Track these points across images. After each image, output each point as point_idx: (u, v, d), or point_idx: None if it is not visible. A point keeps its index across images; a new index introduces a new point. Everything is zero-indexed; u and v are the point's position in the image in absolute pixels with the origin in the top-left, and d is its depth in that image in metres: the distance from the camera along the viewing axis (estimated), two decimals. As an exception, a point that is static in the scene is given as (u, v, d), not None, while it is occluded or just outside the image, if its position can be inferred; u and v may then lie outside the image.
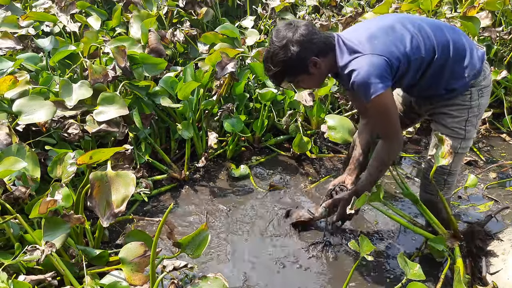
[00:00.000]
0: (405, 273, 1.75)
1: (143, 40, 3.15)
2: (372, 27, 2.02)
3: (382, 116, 2.01)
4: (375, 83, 1.87)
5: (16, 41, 3.13)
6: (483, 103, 2.10)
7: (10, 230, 1.94)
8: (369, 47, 1.92)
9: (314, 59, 1.99)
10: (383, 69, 1.89)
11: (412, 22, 2.01)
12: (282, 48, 1.96)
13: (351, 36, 2.01)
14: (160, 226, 1.57)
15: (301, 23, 2.00)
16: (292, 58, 1.96)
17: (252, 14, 4.68)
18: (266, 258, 2.37)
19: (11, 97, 2.41)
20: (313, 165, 3.27)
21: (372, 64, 1.88)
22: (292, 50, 1.95)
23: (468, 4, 3.83)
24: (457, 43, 1.99)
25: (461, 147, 2.11)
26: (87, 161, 1.81)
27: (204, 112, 3.18)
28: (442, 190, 2.18)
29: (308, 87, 2.30)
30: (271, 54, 2.01)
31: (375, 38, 1.95)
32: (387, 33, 1.97)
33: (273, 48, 2.00)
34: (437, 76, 2.01)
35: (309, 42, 1.96)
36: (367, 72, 1.88)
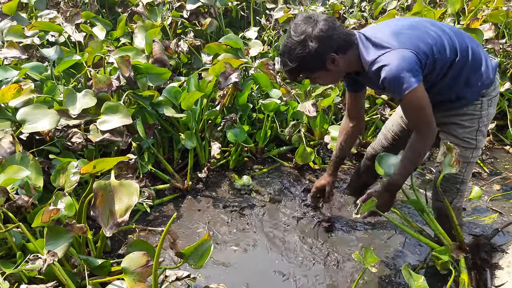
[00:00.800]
0: (410, 285, 1.74)
1: (147, 50, 3.16)
2: (393, 25, 1.99)
3: (417, 111, 1.95)
4: (408, 77, 1.81)
5: (21, 50, 3.15)
6: (491, 112, 2.10)
7: (12, 239, 1.93)
8: (397, 42, 1.87)
9: (332, 55, 1.93)
10: (414, 63, 1.84)
11: (433, 23, 2.00)
12: (300, 43, 1.90)
13: (374, 32, 1.97)
14: (163, 236, 1.56)
15: (321, 18, 1.93)
16: (310, 54, 1.90)
17: (256, 25, 4.71)
18: (269, 268, 2.35)
19: (15, 106, 2.42)
20: (316, 175, 3.26)
21: (403, 58, 1.83)
22: (311, 46, 1.89)
23: (471, 16, 3.85)
24: (474, 50, 1.98)
25: (472, 156, 2.13)
26: (90, 171, 1.81)
27: (207, 122, 3.18)
28: (455, 199, 2.21)
29: (325, 83, 2.25)
30: (289, 49, 1.95)
31: (401, 34, 1.91)
32: (411, 29, 1.93)
33: (290, 42, 1.93)
34: (455, 80, 1.99)
35: (329, 38, 1.90)
36: (399, 67, 1.82)
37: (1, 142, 2.18)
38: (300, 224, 2.72)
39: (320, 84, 2.49)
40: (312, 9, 3.78)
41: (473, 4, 4.09)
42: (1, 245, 2.04)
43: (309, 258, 2.43)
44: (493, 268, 2.13)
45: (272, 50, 4.08)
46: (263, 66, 3.19)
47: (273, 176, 3.26)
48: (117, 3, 4.54)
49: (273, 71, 3.22)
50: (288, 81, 3.81)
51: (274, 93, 3.23)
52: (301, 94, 3.40)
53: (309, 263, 2.40)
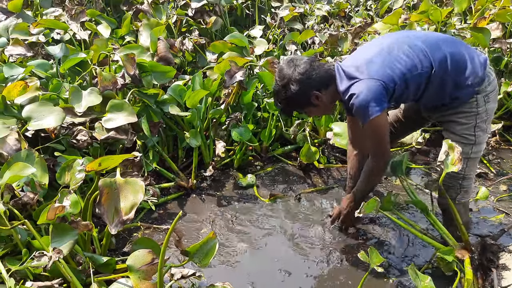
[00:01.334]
0: (416, 285, 1.73)
1: (152, 48, 3.16)
2: (370, 51, 2.11)
3: (375, 137, 2.13)
4: (372, 106, 1.98)
5: (26, 48, 3.15)
6: (491, 107, 2.13)
7: (17, 236, 1.93)
8: (366, 72, 2.02)
9: (315, 93, 2.15)
10: (379, 92, 1.98)
11: (409, 42, 2.07)
12: (284, 87, 2.16)
13: (350, 63, 2.12)
14: (168, 234, 1.55)
15: (301, 61, 2.15)
16: (293, 95, 2.14)
17: (261, 23, 4.70)
18: (273, 266, 2.35)
19: (21, 103, 2.42)
20: (320, 175, 3.25)
21: (369, 88, 1.98)
22: (292, 89, 2.13)
23: (478, 15, 3.83)
24: (455, 56, 2.04)
25: (473, 152, 2.15)
26: (96, 168, 1.80)
27: (212, 120, 3.18)
28: (459, 195, 2.23)
29: (318, 115, 2.51)
30: (276, 92, 2.23)
31: (372, 62, 2.04)
32: (383, 55, 2.04)
33: (276, 86, 2.21)
34: (440, 88, 2.07)
35: (308, 79, 2.12)
36: (365, 96, 1.98)
37: (7, 139, 2.18)
38: (304, 223, 2.71)
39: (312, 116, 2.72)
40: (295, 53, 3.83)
41: (480, 3, 4.07)
42: (7, 242, 2.03)
43: (314, 257, 2.42)
44: (499, 269, 2.11)
45: (277, 48, 4.07)
46: (268, 64, 3.18)
47: (277, 175, 3.26)
48: (122, 1, 4.53)
49: (279, 69, 3.20)
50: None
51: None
52: (306, 93, 3.39)
53: (314, 262, 2.39)
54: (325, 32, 4.26)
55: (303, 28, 4.60)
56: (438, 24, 3.70)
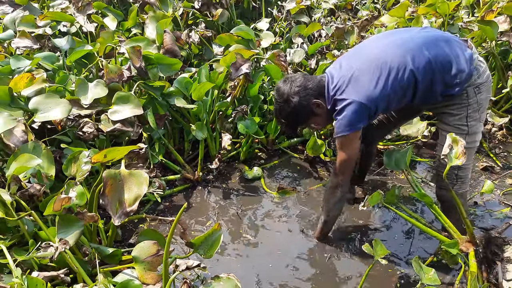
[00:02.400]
0: (420, 278, 1.73)
1: (158, 40, 3.15)
2: (353, 66, 2.15)
3: (340, 153, 2.23)
4: (344, 125, 2.12)
5: (33, 40, 3.16)
6: (483, 98, 2.15)
7: (24, 227, 1.95)
8: (350, 92, 2.10)
9: (315, 101, 2.23)
10: (357, 115, 2.09)
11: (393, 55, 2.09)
12: (285, 102, 2.26)
13: (338, 76, 2.18)
14: (173, 225, 1.56)
15: (294, 77, 2.28)
16: (296, 107, 2.24)
17: (268, 16, 4.68)
18: (278, 258, 2.36)
19: (27, 95, 2.43)
20: (326, 168, 3.25)
21: (348, 110, 2.09)
22: (294, 101, 2.23)
23: (486, 8, 3.79)
24: (439, 58, 2.05)
25: (467, 142, 2.14)
26: (101, 160, 1.81)
27: (218, 113, 3.18)
28: (455, 185, 2.24)
29: (323, 126, 2.51)
30: (278, 111, 2.32)
31: (356, 81, 2.10)
32: (363, 75, 2.10)
33: (278, 104, 2.31)
34: (429, 90, 2.11)
35: (306, 89, 2.23)
36: (343, 116, 2.11)
37: (14, 131, 2.19)
38: (310, 216, 2.71)
39: (319, 129, 2.77)
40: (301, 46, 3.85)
41: (488, -5, 4.03)
42: (14, 233, 2.06)
43: (319, 250, 2.43)
44: (504, 262, 2.11)
45: (284, 41, 4.05)
46: (274, 57, 3.17)
47: (283, 168, 3.26)
48: (129, -6, 4.53)
49: (285, 62, 3.19)
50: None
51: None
52: (312, 86, 3.38)
53: (320, 255, 2.40)
54: (332, 25, 4.24)
55: (310, 21, 4.57)
56: (445, 17, 3.67)
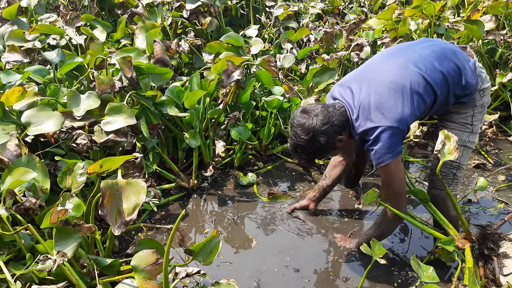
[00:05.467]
0: (419, 276, 1.74)
1: (148, 50, 3.16)
2: (372, 89, 2.06)
3: (388, 182, 2.13)
4: (384, 154, 2.01)
5: (23, 54, 3.16)
6: (486, 101, 2.22)
7: (21, 241, 1.94)
8: (379, 119, 2.01)
9: (339, 138, 2.14)
10: (393, 139, 2.00)
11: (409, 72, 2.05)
12: (310, 140, 2.10)
13: (357, 103, 2.08)
14: (172, 233, 1.56)
15: (317, 110, 2.11)
16: (322, 146, 2.11)
17: (256, 23, 4.71)
18: (276, 263, 2.36)
19: (19, 109, 2.43)
20: (320, 171, 3.26)
21: (383, 137, 2.00)
22: (321, 140, 2.09)
23: (471, 8, 3.85)
24: (451, 72, 2.07)
25: (469, 141, 2.21)
26: (97, 170, 1.81)
27: (210, 121, 3.19)
28: (450, 185, 2.25)
29: (336, 155, 2.52)
30: (301, 147, 2.15)
31: (380, 108, 2.01)
32: (390, 98, 2.02)
33: (300, 141, 2.12)
34: (444, 103, 2.14)
35: (332, 126, 2.10)
36: (380, 145, 2.00)
37: (7, 145, 2.18)
38: (304, 219, 2.72)
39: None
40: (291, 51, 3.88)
41: (472, -4, 4.10)
42: (10, 247, 2.04)
43: (317, 253, 2.43)
44: (500, 257, 2.13)
45: (273, 47, 4.08)
46: (265, 63, 3.19)
47: (278, 173, 3.27)
48: (117, 5, 4.55)
49: (275, 68, 3.21)
50: (290, 78, 3.83)
51: (276, 90, 3.23)
52: (303, 91, 3.41)
53: (317, 257, 2.40)
54: (320, 29, 4.28)
55: (298, 26, 4.62)
56: (432, 18, 3.72)
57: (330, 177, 2.67)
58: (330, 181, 2.67)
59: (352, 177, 2.98)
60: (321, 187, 2.70)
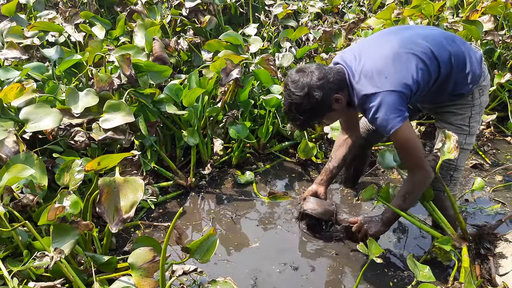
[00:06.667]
0: (415, 275, 1.75)
1: (147, 48, 3.16)
2: (377, 56, 2.03)
3: (404, 149, 2.06)
4: (392, 119, 1.94)
5: (21, 51, 3.15)
6: (484, 100, 2.18)
7: (18, 237, 1.94)
8: (382, 83, 1.96)
9: (336, 96, 2.06)
10: (398, 103, 1.94)
11: (415, 44, 2.01)
12: (305, 96, 2.02)
13: (359, 68, 2.03)
14: (170, 230, 1.57)
15: (312, 68, 2.06)
16: (318, 103, 2.02)
17: (255, 21, 4.71)
18: (274, 262, 2.36)
19: (17, 105, 2.42)
20: (318, 170, 3.27)
21: (387, 102, 1.94)
22: (317, 95, 2.01)
23: (470, 8, 3.85)
24: (457, 55, 2.03)
25: (466, 143, 2.19)
26: (95, 167, 1.81)
27: (209, 119, 3.19)
28: (448, 186, 2.23)
29: (332, 122, 2.41)
30: (295, 105, 2.05)
31: (385, 72, 1.97)
32: (394, 63, 1.98)
33: (295, 99, 2.04)
34: (443, 87, 2.08)
35: (328, 82, 2.03)
36: (385, 109, 1.94)
37: (5, 141, 2.18)
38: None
39: (327, 124, 2.62)
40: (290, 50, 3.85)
41: (471, -4, 4.10)
42: (7, 244, 2.04)
43: (313, 251, 2.44)
44: (496, 257, 2.14)
45: (272, 46, 4.08)
46: (263, 62, 3.19)
47: (276, 172, 3.27)
48: (116, 2, 4.54)
49: (274, 66, 3.22)
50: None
51: (275, 89, 3.24)
52: (302, 89, 3.40)
53: (314, 256, 2.41)
54: (319, 28, 4.28)
55: (297, 25, 4.61)
56: (430, 18, 3.73)
57: (336, 157, 2.52)
58: (336, 162, 2.51)
59: (352, 177, 2.98)
60: (328, 169, 2.54)
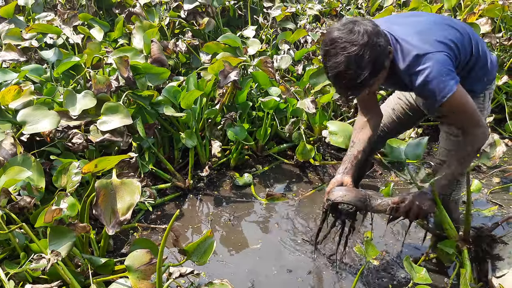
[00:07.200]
0: (412, 277, 1.75)
1: (145, 50, 3.17)
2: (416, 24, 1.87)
3: (462, 113, 1.85)
4: (448, 81, 1.74)
5: (19, 53, 3.15)
6: (488, 105, 2.13)
7: (15, 239, 1.94)
8: (428, 45, 1.77)
9: (390, 48, 1.78)
10: (449, 65, 1.76)
11: (451, 19, 1.92)
12: (367, 45, 1.65)
13: (401, 32, 1.83)
14: (166, 233, 1.57)
15: (354, 18, 1.75)
16: (381, 51, 1.70)
17: (254, 23, 4.71)
18: (271, 264, 2.36)
19: (15, 108, 2.43)
20: (316, 172, 3.27)
21: (442, 62, 1.74)
22: (380, 42, 1.68)
23: (467, 11, 3.86)
24: (482, 46, 1.94)
25: None
26: (92, 169, 1.82)
27: (207, 121, 3.19)
28: (454, 190, 2.22)
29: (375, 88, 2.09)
30: (355, 58, 1.66)
31: (428, 34, 1.79)
32: (436, 28, 1.83)
33: (354, 50, 1.66)
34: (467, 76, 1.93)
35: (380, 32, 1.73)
36: (439, 71, 1.73)
37: (3, 144, 2.19)
38: (301, 220, 2.73)
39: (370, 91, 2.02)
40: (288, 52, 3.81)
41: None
42: (5, 246, 2.04)
43: (311, 254, 2.44)
44: (493, 259, 2.14)
45: (270, 48, 4.09)
46: (262, 64, 3.20)
47: (274, 174, 3.27)
48: (114, 5, 4.54)
49: (272, 68, 3.22)
50: (287, 79, 3.82)
51: (273, 91, 3.24)
52: (300, 91, 3.41)
53: (311, 258, 2.41)
54: (317, 31, 4.28)
55: (296, 27, 4.61)
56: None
57: (360, 140, 2.18)
58: (360, 145, 2.18)
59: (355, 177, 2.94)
60: (351, 156, 2.18)
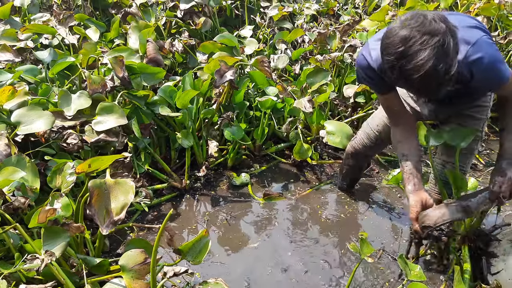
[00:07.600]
0: (406, 274, 1.74)
1: (141, 50, 3.16)
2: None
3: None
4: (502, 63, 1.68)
5: (14, 54, 3.14)
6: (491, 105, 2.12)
7: (9, 240, 1.93)
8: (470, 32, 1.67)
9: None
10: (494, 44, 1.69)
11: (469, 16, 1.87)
12: (446, 31, 1.47)
13: None
14: (160, 232, 1.56)
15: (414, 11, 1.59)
16: (457, 38, 1.53)
17: (251, 23, 4.71)
18: (267, 264, 2.36)
19: (9, 108, 2.42)
20: (314, 171, 3.27)
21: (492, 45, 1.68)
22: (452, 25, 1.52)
23: (464, 10, 3.86)
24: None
25: (476, 148, 2.18)
26: (86, 169, 1.81)
27: (204, 121, 3.18)
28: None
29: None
30: (442, 50, 1.46)
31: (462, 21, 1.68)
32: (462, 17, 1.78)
33: (437, 41, 1.45)
34: None
35: None
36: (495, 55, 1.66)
37: (-3, 144, 2.18)
38: (298, 220, 2.72)
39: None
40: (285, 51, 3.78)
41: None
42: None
43: (307, 254, 2.43)
44: (488, 256, 2.14)
45: (267, 47, 4.08)
46: (258, 63, 3.19)
47: (271, 173, 3.27)
48: (111, 5, 4.54)
49: (269, 68, 3.22)
50: (284, 78, 3.82)
51: (270, 91, 3.23)
52: (297, 91, 3.40)
53: (308, 258, 2.40)
54: (314, 30, 4.28)
55: (293, 27, 4.61)
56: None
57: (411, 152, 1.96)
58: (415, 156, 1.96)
59: (350, 180, 2.97)
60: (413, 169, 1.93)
